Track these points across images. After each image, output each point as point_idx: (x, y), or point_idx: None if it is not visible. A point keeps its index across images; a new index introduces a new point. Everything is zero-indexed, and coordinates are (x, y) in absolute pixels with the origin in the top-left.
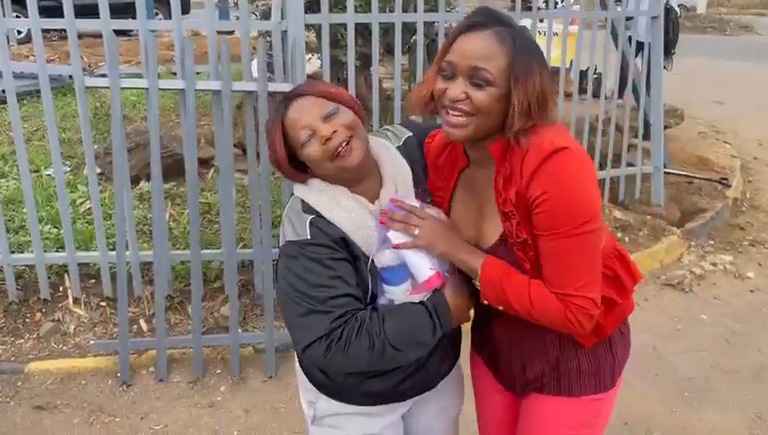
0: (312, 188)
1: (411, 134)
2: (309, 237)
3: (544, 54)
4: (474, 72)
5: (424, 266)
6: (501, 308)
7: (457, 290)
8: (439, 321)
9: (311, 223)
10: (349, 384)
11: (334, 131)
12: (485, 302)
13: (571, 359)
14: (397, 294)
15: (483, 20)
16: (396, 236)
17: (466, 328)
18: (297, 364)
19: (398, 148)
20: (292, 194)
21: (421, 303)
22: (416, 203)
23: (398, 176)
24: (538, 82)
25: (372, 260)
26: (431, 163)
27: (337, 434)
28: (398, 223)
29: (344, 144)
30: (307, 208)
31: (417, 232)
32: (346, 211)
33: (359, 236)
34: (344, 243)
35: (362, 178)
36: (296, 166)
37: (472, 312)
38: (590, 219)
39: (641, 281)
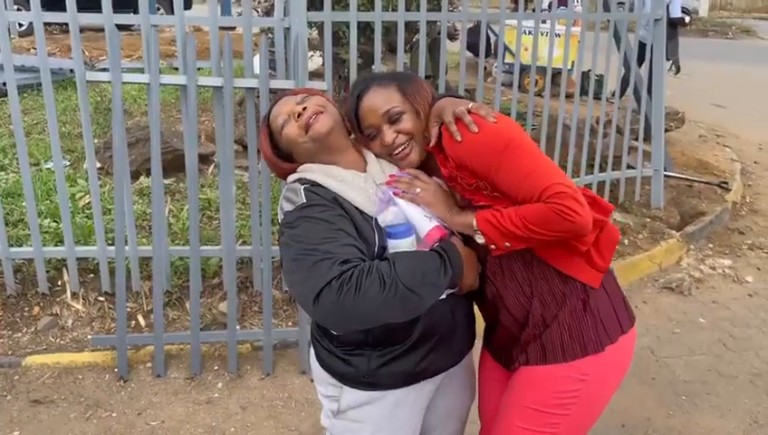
0: (303, 168)
1: None
2: (305, 201)
3: (543, 56)
4: (387, 115)
5: (426, 221)
6: (508, 244)
7: (463, 245)
8: (450, 261)
9: (305, 189)
10: (371, 369)
11: (304, 108)
12: (493, 247)
13: (553, 324)
14: (403, 247)
15: (361, 87)
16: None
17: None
18: (313, 360)
19: None
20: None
21: (430, 248)
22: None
23: (383, 162)
24: (426, 88)
25: (377, 220)
26: None
27: (360, 428)
28: (404, 184)
29: (313, 116)
30: (303, 181)
31: (418, 191)
32: (340, 179)
33: (355, 195)
34: (338, 203)
35: (344, 154)
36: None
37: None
38: (508, 140)
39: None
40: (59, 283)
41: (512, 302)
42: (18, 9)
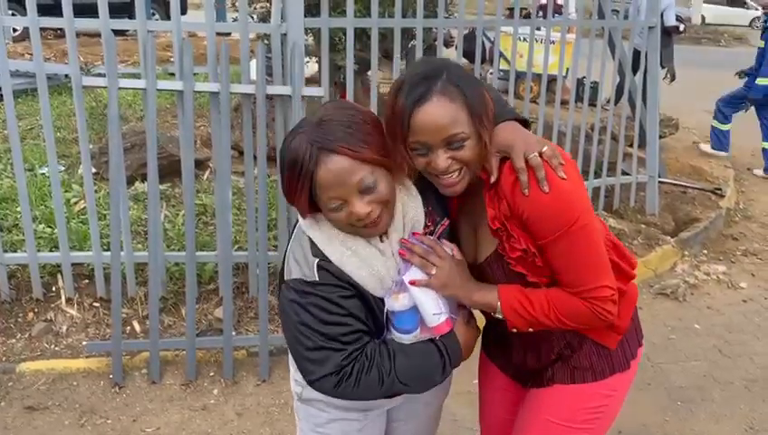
0: (321, 227)
1: None
2: (318, 279)
3: (538, 63)
4: (449, 139)
5: (434, 312)
6: (531, 330)
7: (466, 326)
8: (449, 359)
9: (318, 266)
10: None
11: (369, 211)
12: (515, 330)
13: (580, 347)
14: (404, 341)
15: (423, 89)
16: (412, 274)
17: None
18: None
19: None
20: (296, 222)
21: (432, 340)
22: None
23: (408, 212)
24: (491, 105)
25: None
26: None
27: (323, 417)
28: (418, 257)
29: (378, 216)
30: (316, 252)
31: (434, 271)
32: (357, 257)
33: (368, 281)
34: (351, 285)
35: None
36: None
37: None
38: (580, 216)
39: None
40: (53, 288)
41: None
42: (12, 14)
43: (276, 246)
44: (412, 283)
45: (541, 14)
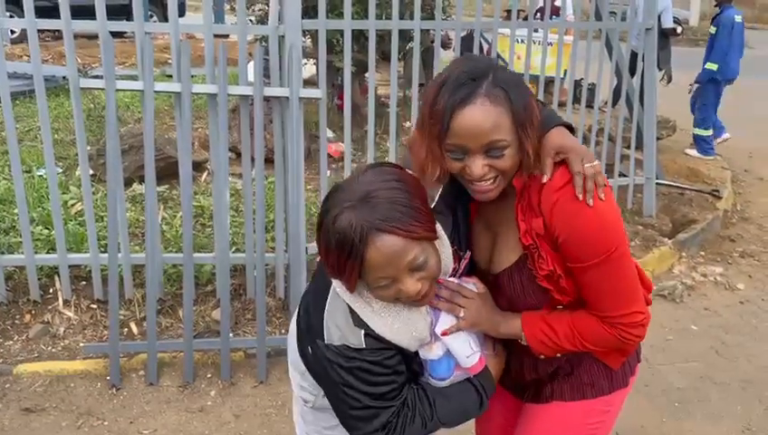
0: (359, 291)
1: (438, 192)
2: (365, 347)
3: (536, 65)
4: (489, 146)
5: (467, 354)
6: (559, 355)
7: (495, 358)
8: (486, 394)
9: (365, 335)
10: None
11: (419, 290)
12: (542, 357)
13: (579, 363)
14: (441, 385)
15: (467, 90)
16: (442, 323)
17: None
18: (291, 346)
19: (437, 200)
20: (330, 284)
21: (468, 380)
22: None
23: (442, 251)
24: (536, 112)
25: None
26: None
27: (335, 421)
28: (445, 302)
29: (426, 293)
30: (358, 322)
31: (462, 314)
32: (399, 322)
33: (410, 342)
34: (394, 346)
35: None
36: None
37: None
38: (618, 245)
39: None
40: (51, 290)
41: None
42: (11, 16)
43: (274, 247)
44: (444, 333)
45: (538, 15)
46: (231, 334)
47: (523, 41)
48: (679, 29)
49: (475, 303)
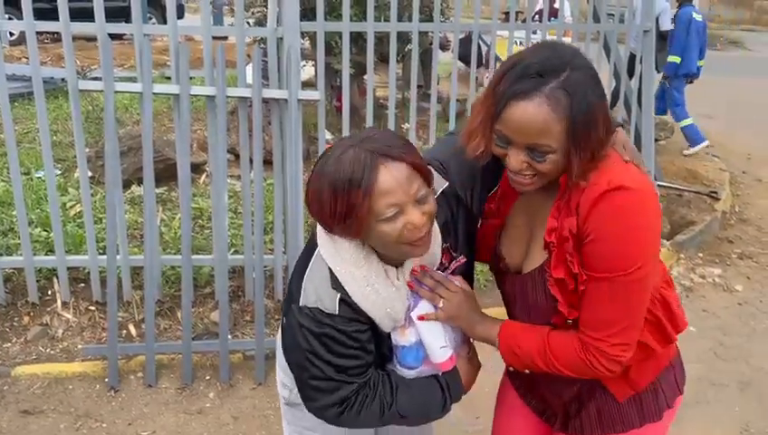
0: (343, 256)
1: (447, 183)
2: (337, 312)
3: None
4: (532, 147)
5: (440, 349)
6: (527, 371)
7: (468, 363)
8: (450, 397)
9: (341, 300)
10: None
11: (425, 222)
12: (511, 368)
13: (604, 394)
14: (407, 375)
15: (530, 85)
16: (420, 309)
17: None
18: (279, 347)
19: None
20: (315, 243)
21: (435, 377)
22: (440, 269)
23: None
24: (600, 130)
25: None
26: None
27: (312, 420)
28: (426, 290)
29: (425, 235)
30: (336, 285)
31: (441, 304)
32: (377, 295)
33: (383, 319)
34: (368, 319)
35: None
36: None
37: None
38: (640, 267)
39: (684, 330)
40: (49, 292)
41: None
42: (9, 18)
43: (272, 249)
44: (420, 318)
45: (537, 17)
46: (230, 336)
47: (521, 43)
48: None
49: (457, 296)
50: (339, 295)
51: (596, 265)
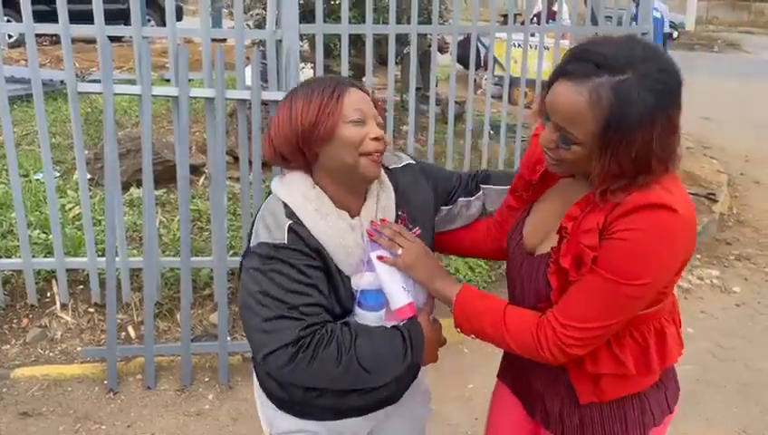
0: (295, 191)
1: (413, 162)
2: (285, 242)
3: (533, 68)
4: (561, 129)
5: (399, 294)
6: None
7: (430, 323)
8: (411, 348)
9: (290, 228)
10: (307, 399)
11: (383, 136)
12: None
13: (589, 405)
14: (369, 320)
15: (582, 68)
16: (379, 252)
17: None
18: (255, 380)
19: (395, 169)
20: (269, 193)
21: (395, 327)
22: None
23: (380, 199)
24: (638, 150)
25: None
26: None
27: None
28: (386, 239)
29: (378, 154)
30: (289, 213)
31: (400, 252)
32: (329, 225)
33: (337, 251)
34: (319, 255)
35: (351, 193)
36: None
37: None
38: (643, 284)
39: (670, 366)
40: (48, 294)
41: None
42: (8, 20)
43: None
44: (380, 258)
45: (535, 20)
46: (229, 338)
47: (519, 45)
48: (675, 34)
49: (416, 246)
50: (288, 223)
51: (601, 261)
